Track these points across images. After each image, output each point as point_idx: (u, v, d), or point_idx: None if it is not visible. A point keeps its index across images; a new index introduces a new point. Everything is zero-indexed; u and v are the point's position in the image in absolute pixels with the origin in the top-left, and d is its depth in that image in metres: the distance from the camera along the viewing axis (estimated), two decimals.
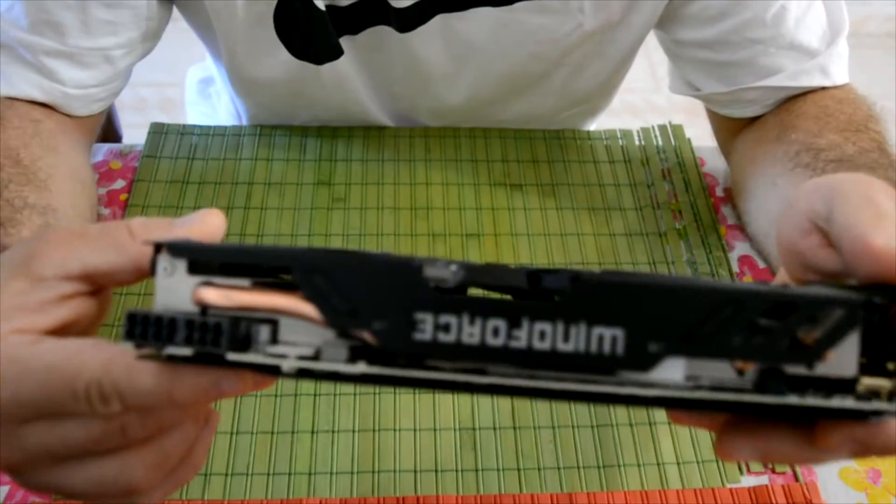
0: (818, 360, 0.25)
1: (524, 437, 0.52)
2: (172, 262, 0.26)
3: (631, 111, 1.90)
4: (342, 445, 0.51)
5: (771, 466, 0.51)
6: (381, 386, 0.26)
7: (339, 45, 0.63)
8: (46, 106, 0.58)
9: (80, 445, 0.28)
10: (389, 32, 0.63)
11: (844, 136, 0.56)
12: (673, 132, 0.73)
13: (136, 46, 0.60)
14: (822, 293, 0.25)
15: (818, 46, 0.60)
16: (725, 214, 0.67)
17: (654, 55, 2.04)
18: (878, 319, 0.25)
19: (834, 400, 0.25)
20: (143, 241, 0.28)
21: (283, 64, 0.64)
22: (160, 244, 0.26)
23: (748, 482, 0.50)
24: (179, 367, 0.26)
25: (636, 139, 0.72)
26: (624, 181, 0.68)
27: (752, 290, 0.24)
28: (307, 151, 0.69)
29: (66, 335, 0.29)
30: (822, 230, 0.30)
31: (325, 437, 0.51)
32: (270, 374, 0.25)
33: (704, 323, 0.24)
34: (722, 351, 0.25)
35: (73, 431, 0.27)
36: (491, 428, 0.52)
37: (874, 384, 0.25)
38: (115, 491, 0.29)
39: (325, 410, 0.52)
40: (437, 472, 0.50)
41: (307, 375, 0.25)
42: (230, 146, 0.69)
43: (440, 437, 0.52)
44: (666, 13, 0.63)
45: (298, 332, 0.26)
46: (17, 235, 0.46)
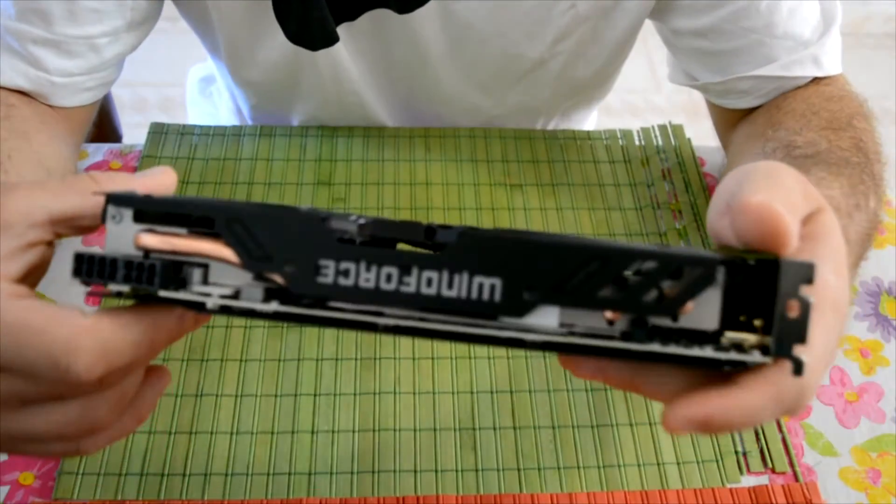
0: (678, 311, 0.28)
1: (524, 436, 0.52)
2: (120, 210, 0.29)
3: (631, 111, 1.89)
4: (342, 445, 0.51)
5: (771, 466, 0.51)
6: (290, 323, 0.30)
7: (334, 32, 0.64)
8: (30, 96, 0.58)
9: (47, 395, 0.29)
10: (388, 15, 0.63)
11: (823, 134, 0.56)
12: (673, 132, 0.73)
13: (121, 35, 0.61)
14: (687, 252, 0.27)
15: (811, 37, 0.61)
16: None
17: (654, 55, 2.04)
18: (742, 280, 0.28)
19: (693, 349, 0.27)
20: (98, 190, 0.31)
21: (279, 49, 0.65)
22: (110, 195, 0.29)
23: (748, 482, 0.50)
24: (156, 313, 0.29)
25: (636, 139, 0.72)
26: (624, 181, 0.68)
27: (617, 247, 0.27)
28: (307, 151, 0.69)
29: (25, 282, 0.31)
30: (729, 211, 0.30)
31: (325, 436, 0.51)
32: (197, 310, 0.28)
33: (573, 275, 0.27)
34: (588, 301, 0.27)
35: (39, 386, 0.29)
36: (491, 428, 0.52)
37: (738, 338, 0.28)
38: (77, 431, 0.30)
39: (325, 410, 0.52)
40: (437, 471, 0.50)
41: (228, 312, 0.28)
42: (230, 146, 0.69)
43: (440, 436, 0.52)
44: (662, 3, 0.63)
45: (225, 275, 0.29)
46: None
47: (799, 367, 0.27)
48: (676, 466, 0.51)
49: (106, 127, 0.86)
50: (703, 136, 0.74)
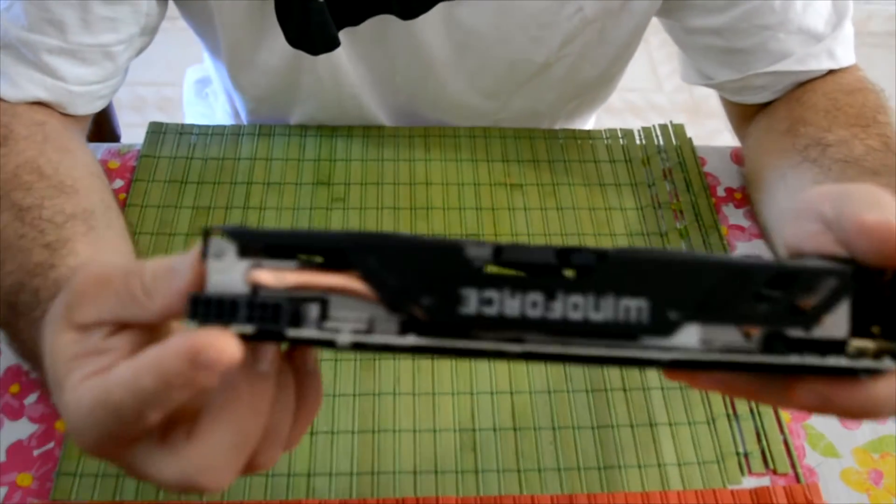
0: (815, 324, 0.28)
1: (524, 437, 0.52)
2: (222, 245, 0.28)
3: (632, 110, 1.89)
4: (341, 446, 0.51)
5: (772, 468, 0.51)
6: (427, 355, 0.28)
7: (336, 36, 0.63)
8: (47, 106, 0.58)
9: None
10: (392, 21, 0.63)
11: (853, 131, 0.57)
12: (674, 132, 0.73)
13: (134, 41, 0.60)
14: (817, 265, 0.28)
15: (824, 30, 0.61)
16: (727, 214, 0.66)
17: (655, 54, 2.04)
18: (865, 287, 0.29)
19: (829, 359, 0.28)
20: (165, 299, 0.29)
21: (280, 53, 0.64)
22: (209, 230, 0.28)
23: (749, 483, 0.50)
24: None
25: (637, 139, 0.72)
26: (625, 181, 0.68)
27: (757, 263, 0.28)
28: (306, 151, 0.69)
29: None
30: (828, 232, 0.31)
31: (324, 437, 0.51)
32: (326, 348, 0.28)
33: (717, 293, 0.28)
34: (732, 317, 0.28)
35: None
36: (490, 429, 0.52)
37: (861, 345, 0.29)
38: (189, 476, 0.29)
39: (324, 411, 0.52)
40: (436, 473, 0.50)
41: (361, 348, 0.27)
42: (229, 146, 0.69)
43: (440, 437, 0.51)
44: (675, 2, 0.63)
45: (346, 308, 0.28)
46: (72, 253, 0.46)
47: None
48: (677, 467, 0.51)
49: (104, 127, 0.86)
50: (704, 135, 0.74)
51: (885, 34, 2.12)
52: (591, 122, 0.85)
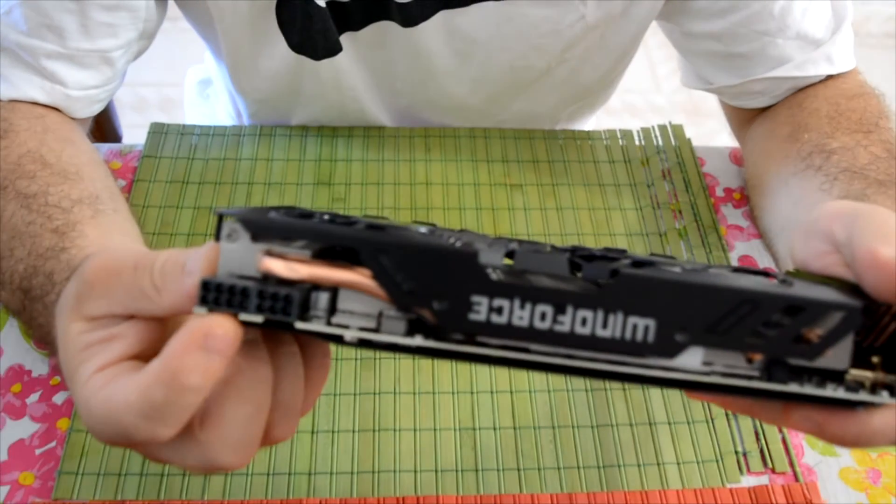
0: (819, 356, 0.28)
1: (524, 436, 0.52)
2: (236, 228, 0.28)
3: (631, 111, 1.89)
4: (342, 445, 0.51)
5: (771, 466, 0.51)
6: (431, 357, 0.29)
7: (338, 42, 0.63)
8: (46, 105, 0.58)
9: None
10: (393, 28, 0.63)
11: (856, 138, 0.57)
12: (673, 132, 0.73)
13: (132, 46, 0.60)
14: (827, 298, 0.28)
15: (823, 35, 0.61)
16: (725, 214, 0.67)
17: (654, 55, 2.04)
18: (869, 319, 0.29)
19: (827, 389, 0.28)
20: (175, 296, 0.29)
21: (281, 58, 0.64)
22: (223, 214, 0.28)
23: (748, 482, 0.50)
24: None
25: (636, 139, 0.72)
26: (624, 181, 0.68)
27: (769, 293, 0.28)
28: (307, 151, 0.69)
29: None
30: (837, 253, 0.32)
31: (325, 436, 0.51)
32: (333, 342, 0.28)
33: (724, 319, 0.28)
34: (738, 344, 0.28)
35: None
36: (491, 428, 0.52)
37: (860, 375, 0.29)
38: (205, 466, 0.30)
39: (325, 410, 0.52)
40: (437, 472, 0.50)
41: (367, 345, 0.28)
42: (230, 146, 0.69)
43: (440, 437, 0.52)
44: (674, 6, 0.63)
45: (356, 301, 0.28)
46: (81, 236, 0.46)
47: None
48: (676, 466, 0.51)
49: (106, 127, 0.86)
50: (702, 136, 0.74)
51: (883, 35, 2.12)
52: (590, 122, 0.86)
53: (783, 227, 0.57)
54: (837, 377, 0.29)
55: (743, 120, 0.69)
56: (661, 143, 0.72)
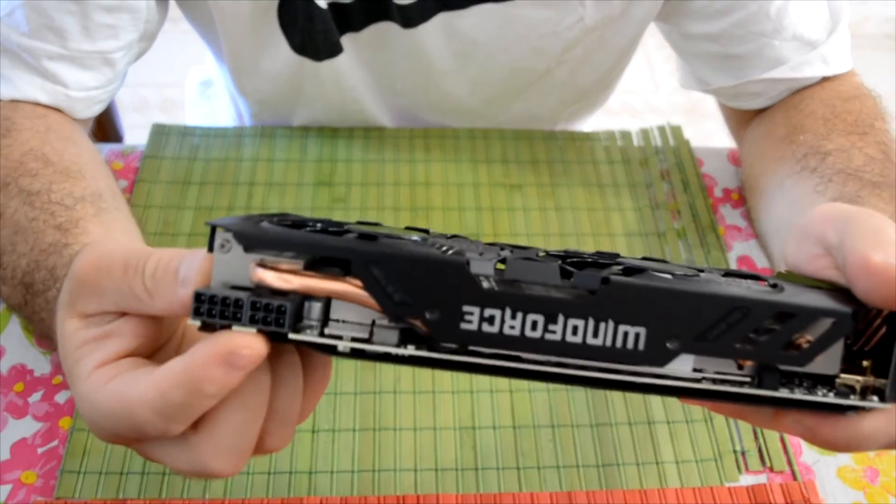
0: (810, 362, 0.28)
1: (523, 436, 0.52)
2: (228, 239, 0.28)
3: (630, 112, 1.90)
4: (342, 444, 0.51)
5: (769, 465, 0.51)
6: (424, 367, 0.29)
7: (339, 43, 0.64)
8: (48, 106, 0.58)
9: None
10: (393, 29, 0.63)
11: (851, 140, 0.57)
12: (671, 133, 0.73)
13: (133, 47, 0.61)
14: (818, 304, 0.28)
15: (819, 36, 0.61)
16: (724, 215, 0.67)
17: (653, 56, 2.05)
18: (860, 324, 0.29)
19: (818, 394, 0.29)
20: (167, 302, 0.30)
21: (283, 59, 0.65)
22: (215, 225, 0.28)
23: (746, 481, 0.51)
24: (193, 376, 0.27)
25: (635, 140, 0.73)
26: (623, 182, 0.69)
27: (760, 299, 0.27)
28: (308, 152, 0.69)
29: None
30: (829, 256, 0.32)
31: (325, 435, 0.51)
32: (326, 352, 0.28)
33: (715, 326, 0.27)
34: (729, 351, 0.28)
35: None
36: (490, 427, 0.52)
37: (850, 379, 0.29)
38: (195, 470, 0.30)
39: (325, 409, 0.53)
40: (436, 470, 0.50)
41: (360, 356, 0.28)
42: (231, 147, 0.69)
43: (440, 436, 0.52)
44: (672, 7, 0.64)
45: (348, 310, 0.28)
46: (84, 233, 0.46)
47: None
48: (675, 465, 0.51)
49: (107, 127, 0.86)
50: (701, 136, 0.74)
51: (881, 36, 2.13)
52: (589, 123, 0.86)
53: (778, 227, 0.58)
54: (828, 381, 0.29)
55: (740, 121, 0.69)
56: (659, 143, 0.72)
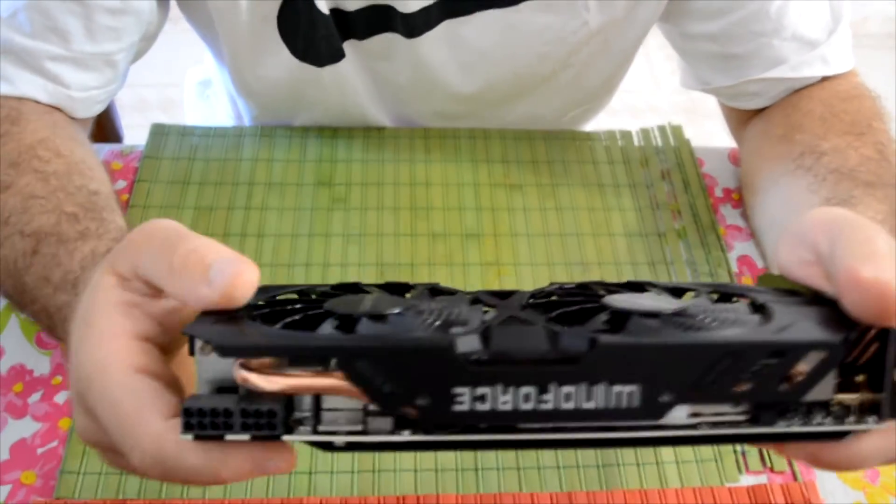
0: (805, 395, 0.28)
1: None
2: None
3: (630, 112, 1.90)
4: None
5: (769, 465, 0.51)
6: (423, 451, 0.28)
7: (341, 48, 0.64)
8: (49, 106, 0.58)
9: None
10: (397, 39, 0.63)
11: (847, 140, 0.57)
12: (672, 133, 0.73)
13: (134, 48, 0.61)
14: (808, 339, 0.28)
15: (819, 36, 0.61)
16: (724, 215, 0.67)
17: (653, 56, 2.05)
18: (852, 351, 0.29)
19: (814, 422, 0.29)
20: (182, 293, 0.30)
21: (284, 64, 0.65)
22: (192, 335, 0.28)
23: (747, 481, 0.51)
24: (227, 447, 0.28)
25: (635, 140, 0.73)
26: (623, 182, 0.69)
27: (751, 342, 0.28)
28: (308, 152, 0.69)
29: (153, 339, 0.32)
30: (820, 265, 0.32)
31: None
32: (322, 448, 0.28)
33: (707, 374, 0.27)
34: (723, 395, 0.28)
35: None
36: None
37: (845, 399, 0.29)
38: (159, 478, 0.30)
39: None
40: (436, 471, 0.50)
41: (356, 448, 0.28)
42: (231, 147, 0.69)
43: None
44: (674, 7, 0.64)
45: (339, 400, 0.28)
46: (113, 220, 0.47)
47: None
48: (675, 465, 0.51)
49: (107, 127, 0.86)
50: (701, 136, 0.74)
51: (883, 36, 2.12)
52: (590, 123, 0.86)
53: (771, 225, 0.58)
54: (823, 406, 0.29)
55: (740, 121, 0.69)
56: (660, 143, 0.72)
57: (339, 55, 0.64)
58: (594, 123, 0.85)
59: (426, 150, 0.70)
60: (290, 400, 0.27)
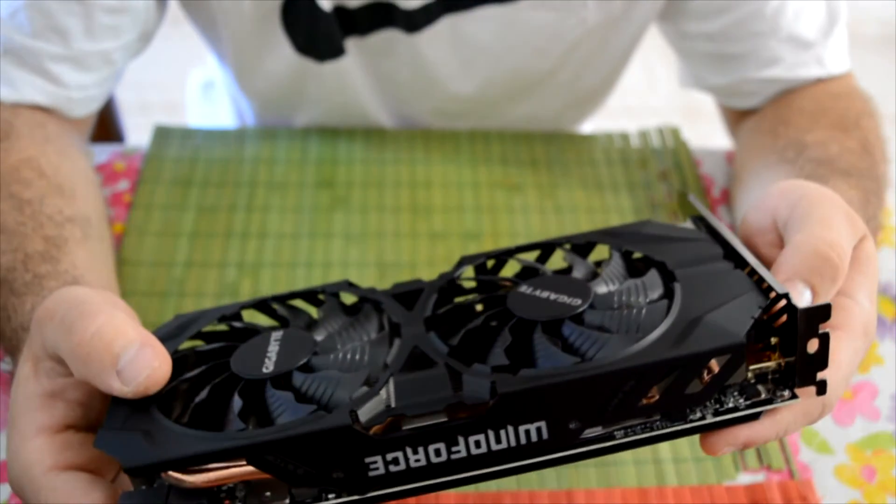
0: (714, 394, 0.29)
1: None
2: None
3: (628, 113, 1.90)
4: None
5: (767, 464, 0.52)
6: None
7: (342, 45, 0.64)
8: (45, 110, 0.59)
9: None
10: (398, 36, 0.64)
11: (832, 133, 0.57)
12: (670, 134, 0.74)
13: (132, 46, 0.61)
14: (709, 347, 0.28)
15: (815, 37, 0.61)
16: (721, 215, 0.67)
17: (651, 57, 2.05)
18: (763, 327, 0.30)
19: (728, 405, 0.29)
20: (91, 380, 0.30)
21: (285, 59, 0.65)
22: (104, 450, 0.29)
23: (744, 479, 0.51)
24: None
25: (633, 141, 0.73)
26: (622, 182, 0.69)
27: (647, 363, 0.28)
28: (309, 153, 0.70)
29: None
30: (775, 232, 0.33)
31: None
32: None
33: (612, 398, 0.28)
34: (631, 413, 0.29)
35: None
36: None
37: (761, 368, 0.30)
38: None
39: None
40: None
41: None
42: (233, 148, 0.69)
43: None
44: (671, 6, 0.64)
45: (268, 486, 0.29)
46: (67, 254, 0.47)
47: (822, 388, 0.30)
48: (673, 464, 0.51)
49: (109, 128, 0.86)
50: (699, 137, 0.75)
51: (879, 37, 2.13)
52: (588, 124, 0.86)
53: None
54: (736, 387, 0.30)
55: (736, 120, 0.69)
56: (658, 145, 0.73)
57: (339, 51, 0.64)
58: (593, 125, 0.86)
59: (426, 150, 0.70)
60: (217, 490, 0.28)
